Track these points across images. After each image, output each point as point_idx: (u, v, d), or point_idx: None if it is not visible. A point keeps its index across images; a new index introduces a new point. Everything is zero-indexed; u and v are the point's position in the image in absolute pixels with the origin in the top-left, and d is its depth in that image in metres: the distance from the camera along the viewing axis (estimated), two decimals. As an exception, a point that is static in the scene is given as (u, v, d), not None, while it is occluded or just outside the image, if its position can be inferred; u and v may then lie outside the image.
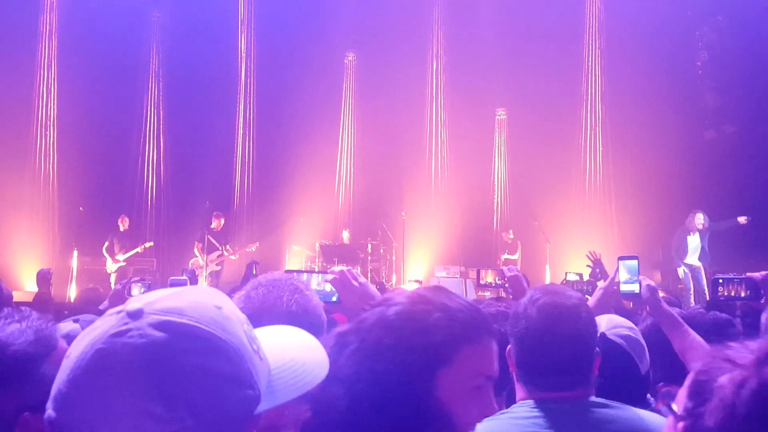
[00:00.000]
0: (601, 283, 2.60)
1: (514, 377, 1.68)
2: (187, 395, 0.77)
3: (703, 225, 9.93)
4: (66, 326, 2.14)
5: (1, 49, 11.19)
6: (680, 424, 0.94)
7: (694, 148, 11.60)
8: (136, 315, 0.80)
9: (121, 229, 11.09)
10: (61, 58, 12.31)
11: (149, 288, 3.60)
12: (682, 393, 0.97)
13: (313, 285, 1.91)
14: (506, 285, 3.16)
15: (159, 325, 0.79)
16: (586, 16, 12.82)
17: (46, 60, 12.26)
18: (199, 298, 0.85)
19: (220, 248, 10.82)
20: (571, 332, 1.60)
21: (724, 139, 11.61)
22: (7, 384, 1.07)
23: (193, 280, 5.64)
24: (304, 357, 0.96)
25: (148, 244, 11.08)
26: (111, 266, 10.87)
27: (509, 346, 1.69)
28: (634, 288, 2.37)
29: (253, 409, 0.84)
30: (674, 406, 0.97)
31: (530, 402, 1.58)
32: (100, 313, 2.40)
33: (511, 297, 3.09)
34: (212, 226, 11.08)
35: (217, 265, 10.85)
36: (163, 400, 0.76)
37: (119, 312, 0.81)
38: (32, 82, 12.12)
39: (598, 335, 1.95)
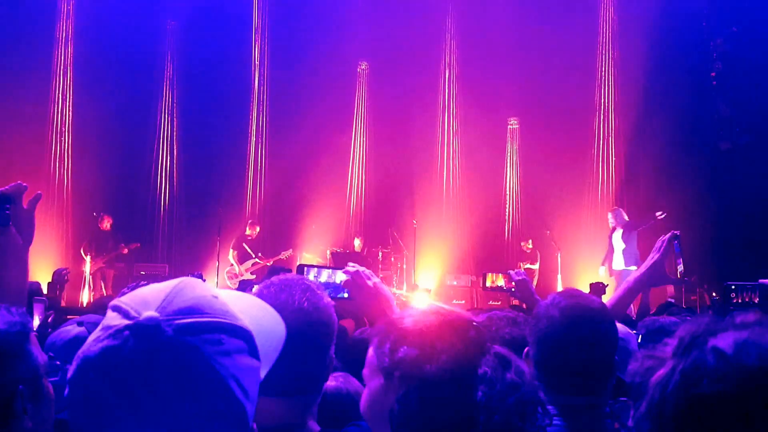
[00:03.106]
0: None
1: None
2: (237, 385, 0.80)
3: (612, 223, 10.13)
4: (73, 329, 2.16)
5: (18, 55, 11.35)
6: None
7: (709, 158, 11.51)
8: (156, 326, 0.78)
9: (102, 229, 10.94)
10: (77, 65, 12.44)
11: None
12: None
13: (323, 278, 1.95)
14: (513, 290, 3.14)
15: (186, 330, 0.79)
16: (599, 26, 12.79)
17: (62, 67, 12.40)
18: (198, 292, 0.85)
19: (254, 256, 10.89)
20: (593, 335, 1.61)
21: (739, 149, 11.52)
22: (4, 361, 1.17)
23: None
24: (267, 321, 0.97)
25: (133, 245, 10.93)
26: (90, 267, 10.68)
27: (526, 348, 1.69)
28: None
29: (260, 379, 0.88)
30: None
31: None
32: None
33: (520, 302, 3.07)
34: (247, 233, 11.22)
35: (252, 273, 10.90)
36: (219, 397, 0.78)
37: (134, 326, 0.79)
38: (48, 88, 12.25)
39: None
